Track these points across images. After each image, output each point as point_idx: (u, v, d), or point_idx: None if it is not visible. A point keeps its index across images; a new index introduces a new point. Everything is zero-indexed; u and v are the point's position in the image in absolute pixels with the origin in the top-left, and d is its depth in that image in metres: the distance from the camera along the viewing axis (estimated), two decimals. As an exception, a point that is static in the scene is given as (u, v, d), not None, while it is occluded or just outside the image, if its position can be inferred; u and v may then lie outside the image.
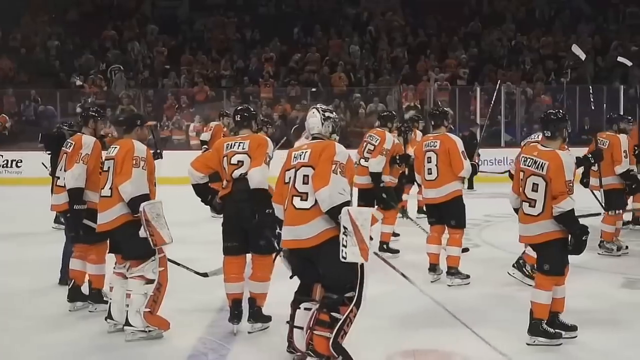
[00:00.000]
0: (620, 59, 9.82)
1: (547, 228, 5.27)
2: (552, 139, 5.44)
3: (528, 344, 5.35)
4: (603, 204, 8.50)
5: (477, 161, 7.75)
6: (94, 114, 6.81)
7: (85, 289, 6.58)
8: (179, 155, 13.06)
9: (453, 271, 7.33)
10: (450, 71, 21.74)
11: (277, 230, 5.26)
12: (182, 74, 21.94)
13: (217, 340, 5.64)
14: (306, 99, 20.15)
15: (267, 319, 5.82)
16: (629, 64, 9.56)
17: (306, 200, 4.79)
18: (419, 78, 21.30)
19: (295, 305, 4.99)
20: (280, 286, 5.46)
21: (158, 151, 7.89)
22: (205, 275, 6.35)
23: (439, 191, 7.27)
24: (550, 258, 5.32)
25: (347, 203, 4.68)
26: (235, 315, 5.77)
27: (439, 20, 24.57)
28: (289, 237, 4.87)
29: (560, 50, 22.95)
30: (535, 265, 5.62)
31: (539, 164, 5.30)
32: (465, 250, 7.70)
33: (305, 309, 4.91)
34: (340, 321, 4.66)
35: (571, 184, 5.21)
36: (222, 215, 5.85)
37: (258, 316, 5.79)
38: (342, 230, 4.52)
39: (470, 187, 14.69)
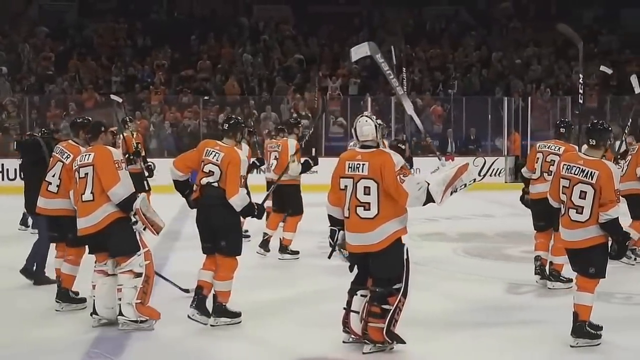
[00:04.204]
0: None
1: (593, 233, 5.47)
2: (596, 148, 5.62)
3: (572, 346, 5.51)
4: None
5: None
6: (85, 123, 6.84)
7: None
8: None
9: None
10: (342, 81, 22.04)
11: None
12: (65, 80, 21.35)
13: (106, 353, 5.53)
14: (198, 106, 20.02)
15: (235, 315, 6.10)
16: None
17: (369, 210, 5.23)
18: (311, 87, 21.48)
19: (352, 293, 5.46)
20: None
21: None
22: (187, 291, 6.67)
23: None
24: (595, 262, 5.51)
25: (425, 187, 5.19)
26: (193, 299, 6.03)
27: (331, 30, 24.89)
28: (355, 242, 5.33)
29: (447, 62, 23.68)
30: (577, 270, 5.72)
31: (587, 173, 5.47)
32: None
33: (361, 295, 5.40)
34: (391, 311, 5.20)
35: (619, 193, 5.48)
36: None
37: (221, 312, 6.04)
38: (455, 193, 5.25)
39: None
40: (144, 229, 6.00)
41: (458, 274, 8.28)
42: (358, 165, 5.30)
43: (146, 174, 10.52)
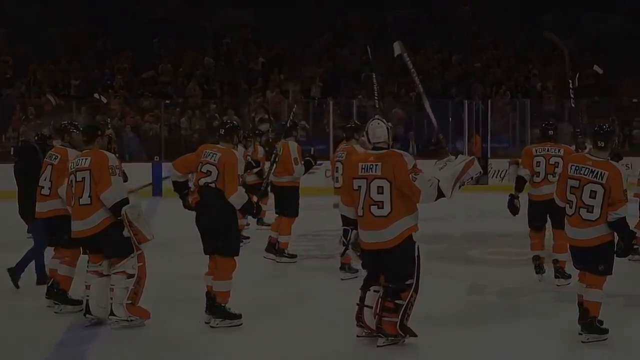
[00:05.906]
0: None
1: (602, 231, 5.69)
2: (604, 150, 5.84)
3: (583, 342, 5.67)
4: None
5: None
6: (69, 127, 7.07)
7: None
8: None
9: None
10: (305, 84, 22.03)
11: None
12: (23, 84, 21.05)
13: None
14: (160, 110, 19.87)
15: (235, 317, 6.18)
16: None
17: (383, 208, 5.50)
18: (273, 90, 21.46)
19: (365, 289, 5.73)
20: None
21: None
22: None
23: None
24: (604, 259, 5.73)
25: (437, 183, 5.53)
26: (207, 306, 6.25)
27: (294, 34, 24.87)
28: (369, 240, 5.59)
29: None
30: (583, 267, 5.88)
31: (597, 173, 5.67)
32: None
33: (374, 291, 5.67)
34: (404, 306, 5.48)
35: (626, 192, 5.70)
36: None
37: (219, 312, 6.16)
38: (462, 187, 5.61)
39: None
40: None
41: (429, 275, 8.28)
42: (371, 166, 5.57)
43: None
